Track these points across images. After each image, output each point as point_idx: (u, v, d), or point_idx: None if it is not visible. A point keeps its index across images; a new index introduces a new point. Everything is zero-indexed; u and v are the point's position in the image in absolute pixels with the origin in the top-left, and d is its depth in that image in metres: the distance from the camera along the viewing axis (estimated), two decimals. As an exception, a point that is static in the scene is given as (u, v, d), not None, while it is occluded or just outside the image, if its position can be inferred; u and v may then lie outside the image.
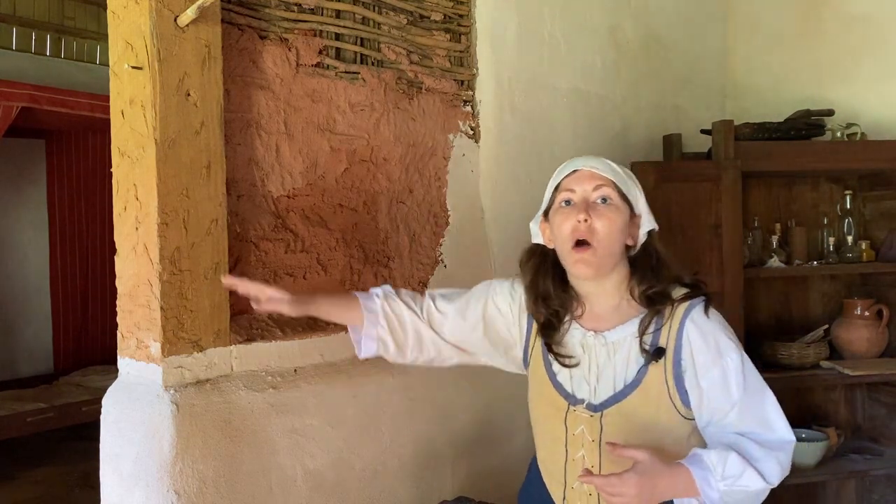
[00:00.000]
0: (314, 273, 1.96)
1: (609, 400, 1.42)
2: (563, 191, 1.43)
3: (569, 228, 1.39)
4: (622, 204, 1.41)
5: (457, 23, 2.35)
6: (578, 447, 1.46)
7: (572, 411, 1.45)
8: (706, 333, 1.38)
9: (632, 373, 1.40)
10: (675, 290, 1.43)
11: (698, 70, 3.37)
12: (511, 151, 2.50)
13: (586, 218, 1.37)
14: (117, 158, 1.68)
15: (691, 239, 2.64)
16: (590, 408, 1.43)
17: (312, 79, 1.96)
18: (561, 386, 1.47)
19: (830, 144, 2.85)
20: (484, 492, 2.19)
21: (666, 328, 1.40)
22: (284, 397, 1.79)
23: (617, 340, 1.42)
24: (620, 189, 1.41)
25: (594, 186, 1.40)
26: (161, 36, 1.58)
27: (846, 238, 2.91)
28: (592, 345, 1.44)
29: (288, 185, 1.91)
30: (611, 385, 1.42)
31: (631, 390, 1.40)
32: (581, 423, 1.44)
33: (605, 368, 1.42)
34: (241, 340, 1.76)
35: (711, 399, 1.35)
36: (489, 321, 1.56)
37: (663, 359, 1.38)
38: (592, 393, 1.43)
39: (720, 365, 1.35)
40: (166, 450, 1.56)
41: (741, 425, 1.33)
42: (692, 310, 1.40)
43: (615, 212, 1.40)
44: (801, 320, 3.04)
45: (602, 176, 1.40)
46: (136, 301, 1.65)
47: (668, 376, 1.38)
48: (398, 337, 1.55)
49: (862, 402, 3.09)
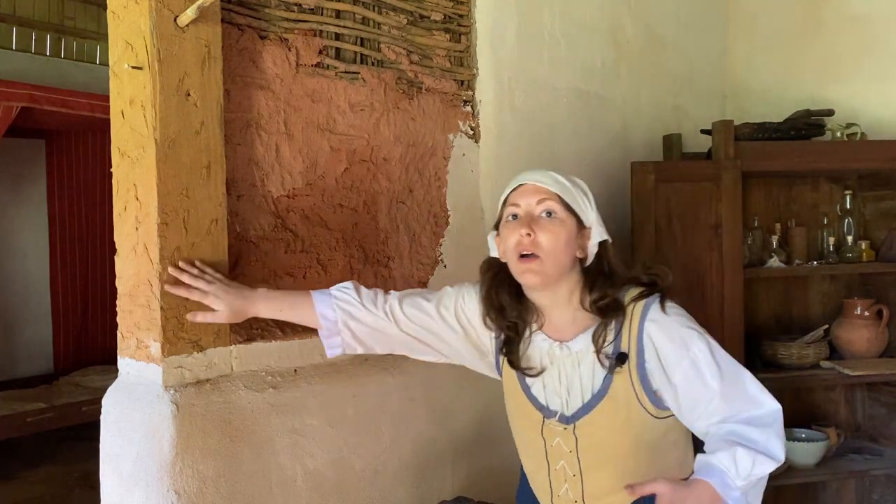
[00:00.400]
0: (314, 273, 1.96)
1: (580, 411, 1.42)
2: (509, 205, 1.45)
3: (513, 242, 1.40)
4: (568, 217, 1.41)
5: (457, 23, 2.35)
6: (558, 458, 1.47)
7: (547, 424, 1.46)
8: (667, 329, 1.37)
9: (598, 382, 1.40)
10: (630, 292, 1.42)
11: (698, 70, 3.37)
12: (511, 151, 2.50)
13: (529, 232, 1.37)
14: (117, 158, 1.68)
15: (691, 239, 2.64)
16: (563, 420, 1.44)
17: (312, 79, 1.96)
18: (535, 399, 1.47)
19: (830, 144, 2.85)
20: (484, 492, 2.19)
21: (626, 332, 1.39)
22: (284, 397, 1.79)
23: (580, 350, 1.42)
24: (566, 202, 1.40)
25: (538, 200, 1.41)
26: (161, 36, 1.58)
27: (846, 238, 2.91)
28: (559, 355, 1.44)
29: (288, 185, 1.91)
30: (580, 396, 1.42)
31: (599, 400, 1.40)
32: (557, 436, 1.45)
33: (573, 379, 1.42)
34: (241, 340, 1.76)
35: (689, 394, 1.34)
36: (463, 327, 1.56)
37: (627, 363, 1.38)
38: (565, 405, 1.43)
39: (688, 357, 1.34)
40: (166, 450, 1.56)
41: (729, 410, 1.32)
42: (648, 309, 1.39)
43: (559, 225, 1.39)
44: (801, 320, 3.04)
45: (546, 189, 1.41)
46: (136, 301, 1.65)
47: (634, 380, 1.38)
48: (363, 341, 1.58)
49: (862, 402, 3.09)
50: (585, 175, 2.77)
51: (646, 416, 1.39)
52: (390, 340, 1.59)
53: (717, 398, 1.32)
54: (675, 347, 1.35)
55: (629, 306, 1.40)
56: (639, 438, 1.41)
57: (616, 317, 1.39)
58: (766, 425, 1.29)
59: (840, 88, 3.11)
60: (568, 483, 1.48)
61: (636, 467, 1.42)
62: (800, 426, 2.91)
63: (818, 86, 3.19)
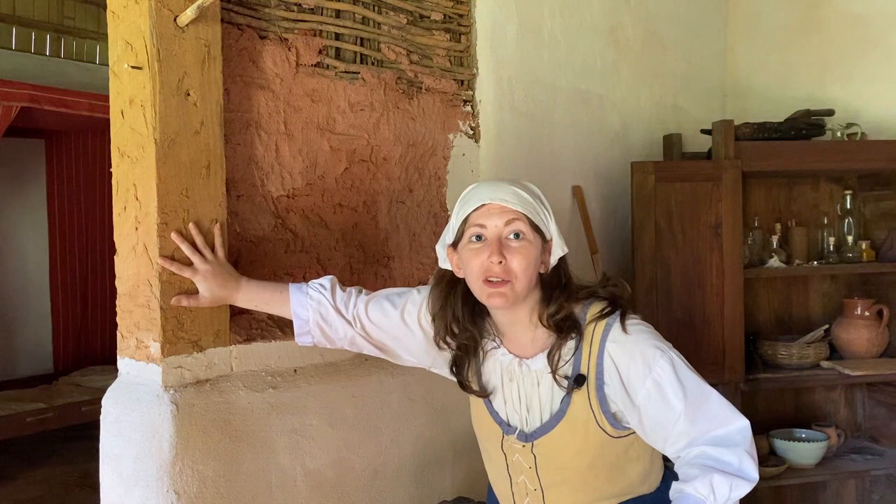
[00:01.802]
0: (314, 273, 1.96)
1: (538, 431, 1.40)
2: (472, 225, 1.35)
3: (478, 266, 1.33)
4: (534, 236, 1.35)
5: (457, 22, 2.35)
6: (519, 472, 1.46)
7: (507, 439, 1.44)
8: (629, 350, 1.33)
9: (556, 402, 1.37)
10: (591, 309, 1.38)
11: (698, 70, 3.37)
12: (511, 151, 2.50)
13: (501, 260, 1.31)
14: (117, 158, 1.68)
15: (691, 239, 2.64)
16: (521, 437, 1.42)
17: (312, 79, 1.96)
18: (496, 413, 1.46)
19: (830, 144, 2.85)
20: (483, 492, 2.19)
21: (586, 352, 1.35)
22: (284, 397, 1.79)
23: (539, 369, 1.39)
24: (531, 220, 1.34)
25: (505, 221, 1.33)
26: (161, 36, 1.58)
27: (846, 238, 2.91)
28: (518, 372, 1.41)
29: (288, 185, 1.91)
30: (538, 416, 1.40)
31: (557, 421, 1.37)
32: (516, 452, 1.44)
33: (532, 398, 1.40)
34: (241, 340, 1.76)
35: (653, 415, 1.31)
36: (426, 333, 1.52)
37: (585, 384, 1.34)
38: (524, 422, 1.41)
39: (651, 378, 1.30)
40: (166, 450, 1.56)
41: (695, 431, 1.28)
42: (610, 330, 1.34)
43: (528, 246, 1.33)
44: (801, 320, 3.04)
45: (513, 210, 1.33)
46: (136, 301, 1.64)
47: (593, 401, 1.35)
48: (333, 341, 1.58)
49: (862, 402, 3.09)
50: (585, 175, 2.81)
51: (604, 437, 1.37)
52: (358, 345, 1.59)
53: (682, 419, 1.28)
54: (637, 368, 1.31)
55: (589, 325, 1.36)
56: (597, 458, 1.38)
57: (571, 335, 1.35)
58: (735, 444, 1.26)
59: (840, 88, 3.11)
60: (529, 497, 1.47)
61: (597, 484, 1.41)
62: (800, 426, 2.91)
63: (818, 86, 3.19)
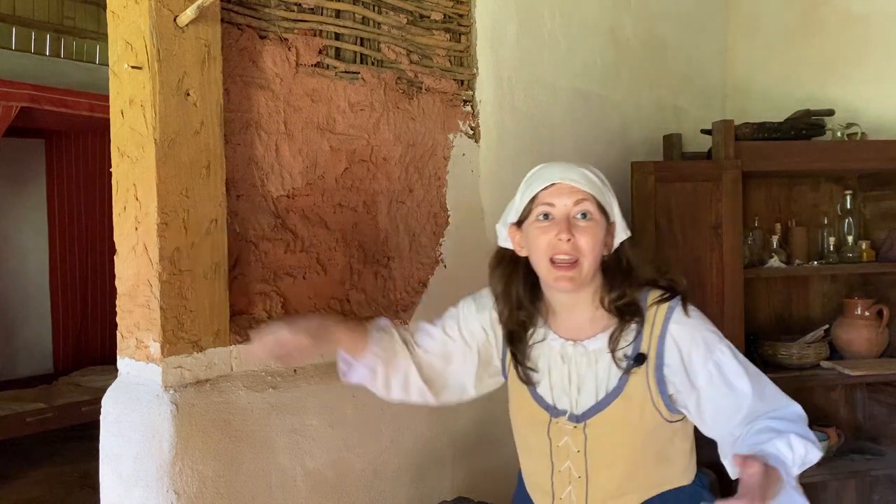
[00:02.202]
0: (314, 273, 1.96)
1: (591, 410, 1.40)
2: (540, 203, 1.38)
3: (545, 243, 1.36)
4: (601, 217, 1.38)
5: (457, 22, 2.35)
6: (564, 458, 1.45)
7: (554, 423, 1.44)
8: (691, 332, 1.36)
9: (613, 381, 1.38)
10: (651, 295, 1.41)
11: (698, 70, 3.37)
12: (511, 151, 2.50)
13: (570, 238, 1.34)
14: (117, 158, 1.68)
15: (691, 239, 2.64)
16: (572, 419, 1.42)
17: (312, 78, 1.96)
18: (541, 398, 1.45)
19: (830, 144, 2.85)
20: (484, 492, 2.19)
21: (647, 334, 1.37)
22: (284, 397, 1.79)
23: (597, 349, 1.40)
24: (599, 201, 1.38)
25: (575, 201, 1.36)
26: (161, 36, 1.58)
27: (846, 238, 2.91)
28: (572, 354, 1.42)
29: (288, 185, 1.91)
30: (592, 394, 1.40)
31: (613, 398, 1.38)
32: (565, 435, 1.43)
33: (587, 377, 1.41)
34: (241, 340, 1.75)
35: (713, 398, 1.33)
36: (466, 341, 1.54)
37: (645, 364, 1.36)
38: (574, 404, 1.41)
39: (712, 360, 1.34)
40: (166, 450, 1.56)
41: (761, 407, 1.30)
42: (672, 312, 1.37)
43: (595, 226, 1.36)
44: (801, 320, 3.04)
45: (582, 190, 1.37)
46: (136, 301, 1.64)
47: (651, 381, 1.37)
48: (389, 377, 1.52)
49: (862, 402, 3.09)
50: (585, 175, 2.80)
51: (657, 418, 1.38)
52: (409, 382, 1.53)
53: (748, 398, 1.31)
54: (699, 350, 1.35)
55: (651, 308, 1.39)
56: (648, 440, 1.40)
57: (631, 321, 1.38)
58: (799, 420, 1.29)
59: (840, 88, 3.11)
60: (572, 485, 1.46)
61: (643, 471, 1.42)
62: (800, 426, 2.91)
63: (818, 86, 3.19)
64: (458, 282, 1.65)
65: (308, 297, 1.95)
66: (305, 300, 1.94)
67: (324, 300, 1.98)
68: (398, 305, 2.16)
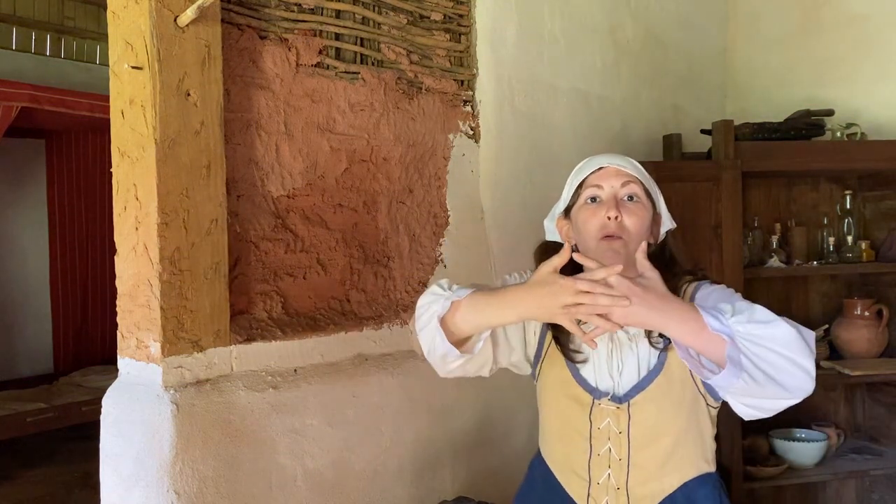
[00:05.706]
0: (314, 273, 1.96)
1: (633, 389, 1.42)
2: (588, 187, 1.42)
3: (596, 224, 1.39)
4: (647, 202, 1.43)
5: (457, 23, 2.35)
6: (604, 441, 1.45)
7: (597, 405, 1.45)
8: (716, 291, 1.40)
9: (654, 359, 1.41)
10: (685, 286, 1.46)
11: (698, 70, 3.37)
12: (511, 151, 2.50)
13: (617, 215, 1.36)
14: (117, 158, 1.68)
15: (691, 239, 2.64)
16: (615, 399, 1.43)
17: (312, 79, 1.96)
18: (585, 381, 1.47)
19: (830, 144, 2.85)
20: (484, 492, 2.20)
21: None
22: (284, 397, 1.79)
23: (637, 332, 1.43)
24: (646, 187, 1.43)
25: (622, 183, 1.41)
26: (161, 36, 1.58)
27: (846, 238, 2.91)
28: (617, 337, 1.44)
29: (288, 185, 1.91)
30: (635, 373, 1.43)
31: (655, 375, 1.41)
32: (607, 416, 1.44)
33: (628, 358, 1.43)
34: (241, 340, 1.76)
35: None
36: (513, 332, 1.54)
37: None
38: (616, 385, 1.44)
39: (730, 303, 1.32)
40: (166, 450, 1.56)
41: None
42: (700, 286, 1.42)
43: (642, 209, 1.41)
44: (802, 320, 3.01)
45: (629, 173, 1.42)
46: (136, 301, 1.65)
47: None
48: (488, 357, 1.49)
49: (862, 402, 3.09)
50: (585, 175, 2.80)
51: (696, 394, 1.41)
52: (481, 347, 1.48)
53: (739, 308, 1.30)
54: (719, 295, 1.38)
55: (682, 288, 1.43)
56: (689, 420, 1.42)
57: None
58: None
59: (840, 88, 3.11)
60: (612, 468, 1.46)
61: (685, 449, 1.44)
62: (800, 426, 2.91)
63: (818, 86, 3.19)
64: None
65: (308, 296, 1.95)
66: (306, 300, 1.94)
67: (324, 300, 1.99)
68: (398, 305, 2.16)
